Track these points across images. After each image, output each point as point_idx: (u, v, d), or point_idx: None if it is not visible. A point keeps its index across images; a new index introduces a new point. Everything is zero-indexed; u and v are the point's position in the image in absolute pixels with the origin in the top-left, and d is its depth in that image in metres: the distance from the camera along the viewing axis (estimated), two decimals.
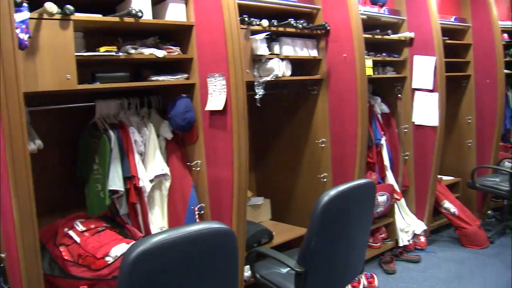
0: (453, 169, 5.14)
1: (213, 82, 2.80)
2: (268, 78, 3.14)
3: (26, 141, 2.07)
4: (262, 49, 3.08)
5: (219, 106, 2.76)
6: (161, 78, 2.83)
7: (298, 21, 3.34)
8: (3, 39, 1.96)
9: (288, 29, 3.33)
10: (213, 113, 2.86)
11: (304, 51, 3.49)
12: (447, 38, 4.41)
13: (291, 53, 3.37)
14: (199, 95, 2.93)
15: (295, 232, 3.66)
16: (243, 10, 2.89)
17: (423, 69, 4.15)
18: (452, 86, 4.66)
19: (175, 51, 2.87)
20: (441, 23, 4.15)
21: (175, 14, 2.85)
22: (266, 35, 3.10)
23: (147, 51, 2.72)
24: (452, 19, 4.72)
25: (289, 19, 3.28)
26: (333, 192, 2.23)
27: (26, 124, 2.09)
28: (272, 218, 4.05)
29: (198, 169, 3.00)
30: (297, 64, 3.48)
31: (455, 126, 5.08)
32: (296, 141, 3.86)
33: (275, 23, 3.22)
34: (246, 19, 2.98)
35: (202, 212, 2.99)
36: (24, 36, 2.08)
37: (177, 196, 3.00)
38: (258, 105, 3.10)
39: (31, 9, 2.19)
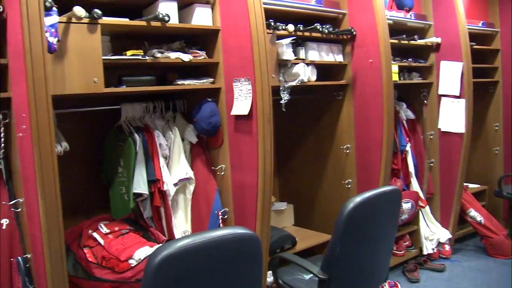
0: (479, 176, 5.06)
1: (239, 87, 2.80)
2: (294, 83, 3.13)
3: (53, 144, 2.09)
4: (287, 54, 3.08)
5: (245, 111, 2.76)
6: (186, 82, 2.84)
7: (324, 26, 3.33)
8: (33, 42, 2.00)
9: (314, 34, 3.32)
10: (238, 117, 2.86)
11: (330, 56, 3.47)
12: (474, 43, 4.35)
13: (316, 58, 3.36)
14: (224, 100, 2.93)
15: (318, 238, 3.63)
16: (269, 14, 2.89)
17: (450, 75, 4.09)
18: (479, 92, 4.58)
19: (201, 55, 2.88)
20: (468, 28, 4.10)
21: (201, 18, 2.86)
22: (292, 39, 3.09)
23: (173, 55, 2.73)
24: (480, 24, 4.66)
25: (315, 24, 3.27)
26: (358, 199, 2.21)
27: (54, 127, 2.12)
28: (295, 224, 4.02)
29: (222, 173, 3.00)
30: (323, 69, 3.46)
31: (482, 133, 5.01)
32: (321, 146, 3.84)
33: (301, 28, 3.21)
34: (272, 23, 2.97)
35: (226, 216, 2.99)
36: (53, 40, 2.11)
37: (201, 200, 3.00)
38: (284, 110, 3.09)
39: (60, 13, 2.22)
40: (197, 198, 3.02)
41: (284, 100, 3.12)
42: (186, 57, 2.76)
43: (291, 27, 3.12)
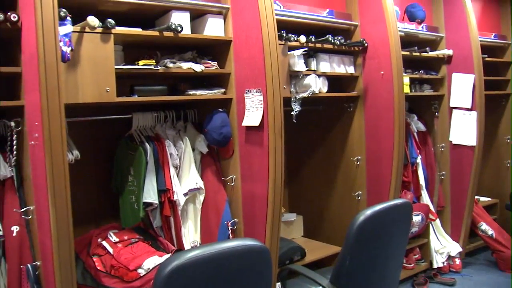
0: (490, 190, 5.01)
1: (250, 98, 2.80)
2: (305, 94, 3.13)
3: (65, 152, 2.10)
4: (299, 65, 3.08)
5: (256, 122, 2.76)
6: (198, 92, 2.85)
7: (336, 38, 3.33)
8: (47, 51, 2.02)
9: (326, 45, 3.32)
10: (249, 128, 2.85)
11: (341, 67, 3.48)
12: (486, 55, 4.33)
13: (328, 69, 3.36)
14: (235, 110, 2.94)
15: (327, 250, 3.62)
16: (281, 25, 2.89)
17: (462, 87, 4.08)
18: (491, 105, 4.56)
19: (213, 66, 2.89)
20: (480, 40, 4.08)
21: (213, 29, 2.87)
22: (304, 51, 3.09)
23: (185, 65, 2.74)
24: (492, 36, 4.64)
25: (327, 35, 3.27)
26: (369, 211, 2.20)
27: (66, 135, 2.13)
28: (304, 235, 4.00)
29: (232, 184, 2.99)
30: (334, 81, 3.46)
31: (494, 146, 4.97)
32: (331, 158, 3.83)
33: (313, 39, 3.22)
34: (284, 35, 2.98)
35: (235, 227, 2.98)
36: (67, 49, 2.13)
37: (210, 211, 3.00)
38: (294, 121, 3.09)
39: (73, 23, 2.24)
40: (206, 208, 3.01)
41: (295, 111, 3.11)
42: (198, 68, 2.77)
43: (303, 39, 3.13)
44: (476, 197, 4.44)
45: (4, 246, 2.33)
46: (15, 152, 2.29)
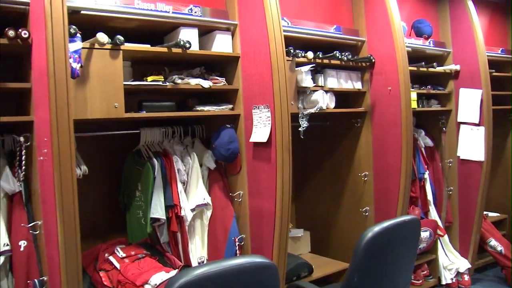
0: (499, 205, 4.98)
1: (258, 114, 2.81)
2: (313, 110, 3.13)
3: (74, 168, 2.11)
4: (307, 81, 3.08)
5: (264, 138, 2.76)
6: (206, 108, 2.86)
7: (343, 53, 3.34)
8: (57, 68, 2.03)
9: (333, 61, 3.33)
10: (257, 144, 2.86)
11: (349, 83, 3.48)
12: (494, 70, 4.32)
13: (335, 85, 3.36)
14: (243, 126, 2.94)
15: (335, 266, 3.59)
16: (288, 42, 2.90)
17: (469, 102, 4.07)
18: (499, 120, 4.54)
19: (221, 82, 2.90)
20: (487, 55, 4.08)
21: (221, 45, 2.89)
22: (311, 67, 3.10)
23: (194, 82, 2.76)
24: (499, 51, 4.64)
25: (334, 51, 3.28)
26: (377, 228, 2.19)
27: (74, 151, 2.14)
28: (312, 251, 3.98)
29: (240, 200, 2.99)
30: (341, 96, 3.47)
31: (502, 161, 4.94)
32: (338, 173, 3.82)
33: (320, 55, 3.23)
34: (292, 51, 2.99)
35: (243, 243, 2.96)
36: (76, 66, 2.14)
37: (218, 226, 2.99)
38: (302, 137, 3.09)
39: (83, 39, 2.26)
40: (214, 224, 3.01)
41: (303, 127, 3.11)
42: (206, 84, 2.78)
43: (310, 55, 3.14)
44: (485, 212, 4.41)
45: (11, 260, 2.33)
46: (23, 167, 2.30)
